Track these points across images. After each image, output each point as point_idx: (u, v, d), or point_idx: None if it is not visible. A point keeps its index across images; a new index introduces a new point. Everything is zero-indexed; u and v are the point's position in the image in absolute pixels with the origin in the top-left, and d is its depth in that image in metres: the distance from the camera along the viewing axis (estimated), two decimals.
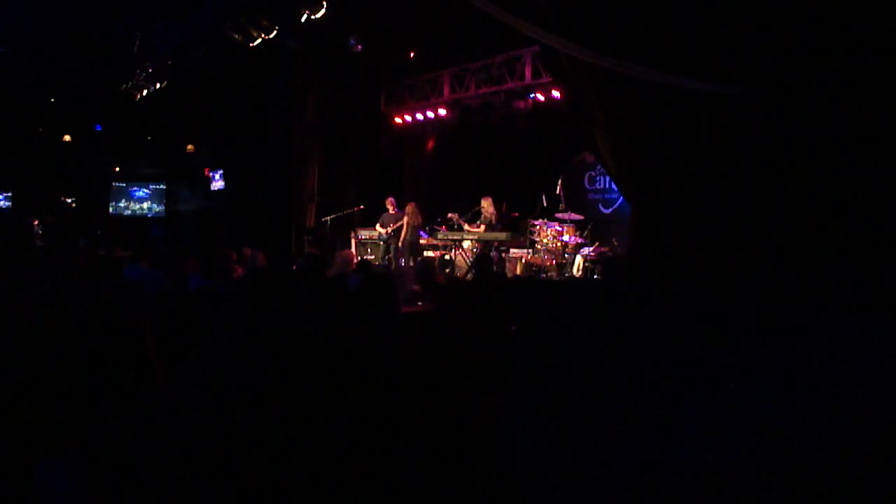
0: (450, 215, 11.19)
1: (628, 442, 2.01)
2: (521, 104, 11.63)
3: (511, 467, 0.50)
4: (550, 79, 10.34)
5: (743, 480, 1.76)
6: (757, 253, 5.48)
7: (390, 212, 12.00)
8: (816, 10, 5.16)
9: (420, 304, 5.38)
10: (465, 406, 0.51)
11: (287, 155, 13.03)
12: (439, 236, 11.32)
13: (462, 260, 10.79)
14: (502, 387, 2.86)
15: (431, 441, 0.48)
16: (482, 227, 11.01)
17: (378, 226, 12.09)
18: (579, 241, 10.37)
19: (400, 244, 11.69)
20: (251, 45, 10.69)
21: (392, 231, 11.86)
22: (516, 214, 11.26)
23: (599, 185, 11.91)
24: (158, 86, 13.35)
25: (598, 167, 11.27)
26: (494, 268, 8.75)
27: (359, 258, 11.04)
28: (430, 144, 14.34)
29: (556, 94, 10.75)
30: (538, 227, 10.59)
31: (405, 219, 11.66)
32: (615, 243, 10.31)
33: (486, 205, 10.99)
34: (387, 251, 12.00)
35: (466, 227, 11.01)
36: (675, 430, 1.95)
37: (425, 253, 11.64)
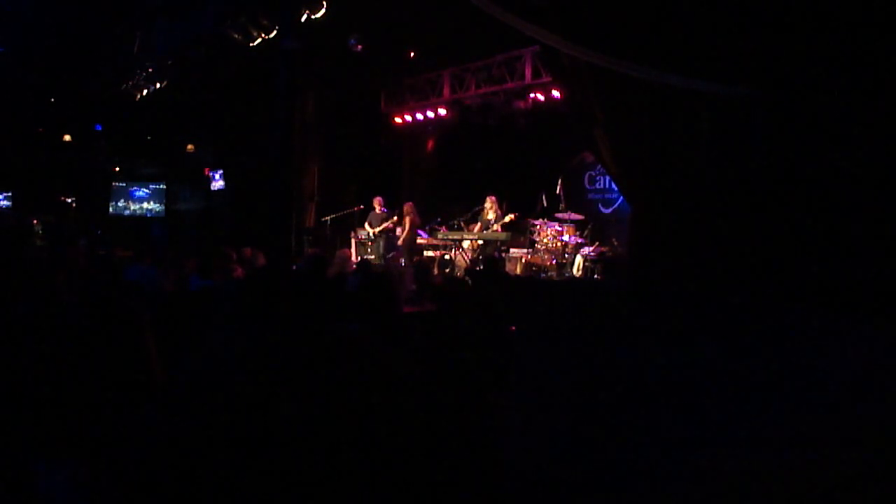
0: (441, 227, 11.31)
1: (627, 442, 2.01)
2: (521, 104, 11.61)
3: (500, 467, 0.50)
4: (550, 79, 10.33)
5: (741, 480, 1.76)
6: (757, 253, 5.48)
7: (377, 211, 11.93)
8: (816, 11, 5.16)
9: (421, 303, 5.38)
10: (454, 408, 0.51)
11: (287, 155, 13.01)
12: (439, 236, 11.32)
13: (462, 260, 10.78)
14: (501, 387, 2.86)
15: (425, 440, 0.48)
16: (478, 225, 11.01)
17: (367, 225, 12.03)
18: (579, 241, 10.36)
19: (400, 243, 11.66)
20: (251, 45, 10.68)
21: (380, 231, 11.81)
22: (518, 214, 11.26)
23: (599, 185, 11.90)
24: (158, 86, 13.34)
25: (598, 167, 11.26)
26: (501, 267, 8.74)
27: (359, 258, 11.04)
28: (430, 144, 14.34)
29: (556, 94, 10.74)
30: (538, 227, 10.59)
31: (407, 218, 11.62)
32: (615, 243, 10.31)
33: (490, 204, 10.98)
34: (378, 250, 11.93)
35: (465, 227, 11.04)
36: (675, 430, 1.94)
37: (425, 253, 11.62)
